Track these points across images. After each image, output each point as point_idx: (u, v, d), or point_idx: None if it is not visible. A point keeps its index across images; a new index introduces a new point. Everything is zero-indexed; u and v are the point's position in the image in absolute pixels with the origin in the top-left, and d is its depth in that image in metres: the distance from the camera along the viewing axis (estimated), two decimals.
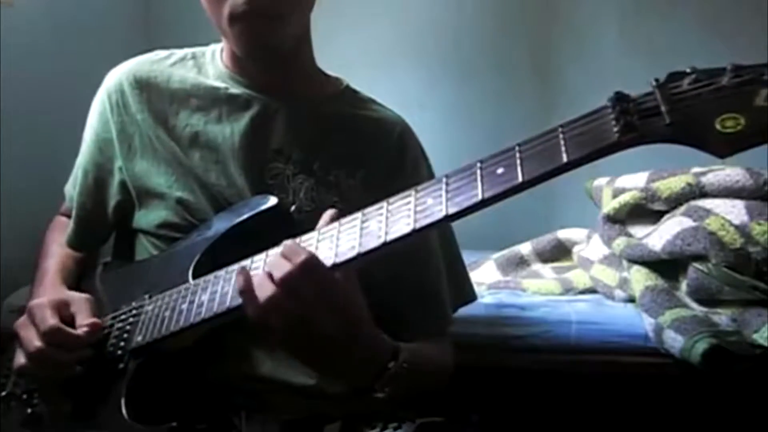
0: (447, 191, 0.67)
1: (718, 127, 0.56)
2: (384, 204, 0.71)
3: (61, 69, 1.71)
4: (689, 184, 1.42)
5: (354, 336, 0.72)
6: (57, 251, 1.05)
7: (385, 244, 0.68)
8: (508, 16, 2.15)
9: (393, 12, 2.17)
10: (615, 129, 0.59)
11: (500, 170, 0.64)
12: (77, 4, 1.82)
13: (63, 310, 0.88)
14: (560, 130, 0.63)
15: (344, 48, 1.99)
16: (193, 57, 1.03)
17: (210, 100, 0.96)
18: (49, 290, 0.96)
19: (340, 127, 0.98)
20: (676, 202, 1.44)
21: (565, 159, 0.61)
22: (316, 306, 0.69)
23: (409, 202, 0.69)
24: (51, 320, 0.84)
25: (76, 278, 1.02)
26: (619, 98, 0.61)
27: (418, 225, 0.67)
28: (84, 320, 0.87)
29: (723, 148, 0.57)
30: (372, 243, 0.69)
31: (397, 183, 0.95)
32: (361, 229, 0.70)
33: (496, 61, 2.15)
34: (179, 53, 1.03)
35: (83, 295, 0.92)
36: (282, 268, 0.69)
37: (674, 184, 1.44)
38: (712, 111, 0.57)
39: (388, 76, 2.09)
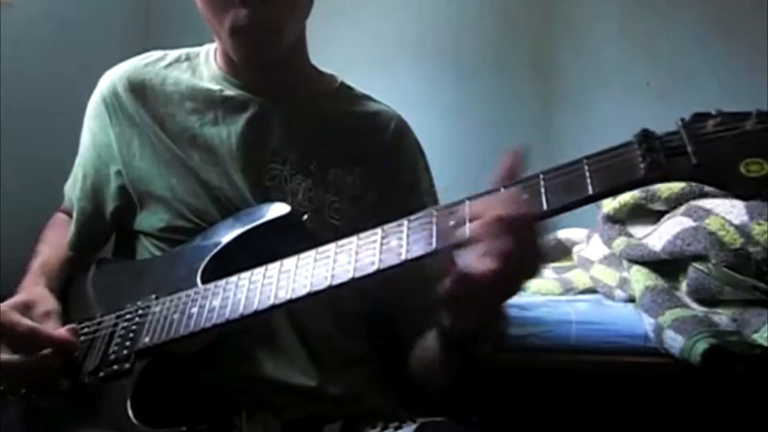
0: (469, 213, 0.67)
1: (742, 170, 0.58)
2: (404, 222, 0.71)
3: (61, 69, 1.71)
4: (689, 184, 1.42)
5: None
6: (43, 249, 1.04)
7: (405, 262, 0.68)
8: (508, 15, 2.15)
9: (393, 12, 2.17)
10: (641, 165, 0.61)
11: (524, 197, 0.65)
12: (77, 4, 1.82)
13: (26, 313, 0.87)
14: (585, 161, 0.64)
15: (344, 48, 1.99)
16: (187, 58, 1.02)
17: (205, 102, 0.96)
18: (24, 289, 0.95)
19: (336, 125, 0.98)
20: (676, 202, 1.44)
21: (590, 191, 0.62)
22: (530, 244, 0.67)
23: (429, 222, 0.69)
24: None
25: (65, 274, 1.01)
26: (645, 135, 0.62)
27: (439, 246, 0.67)
28: (54, 327, 0.85)
29: (747, 190, 0.59)
30: (392, 260, 0.69)
31: (394, 178, 0.95)
32: (382, 244, 0.70)
33: (496, 61, 2.15)
34: (173, 54, 1.03)
35: (51, 302, 0.91)
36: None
37: (674, 184, 1.44)
38: (737, 154, 0.59)
39: (388, 76, 2.09)
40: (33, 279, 0.98)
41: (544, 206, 0.63)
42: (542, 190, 0.64)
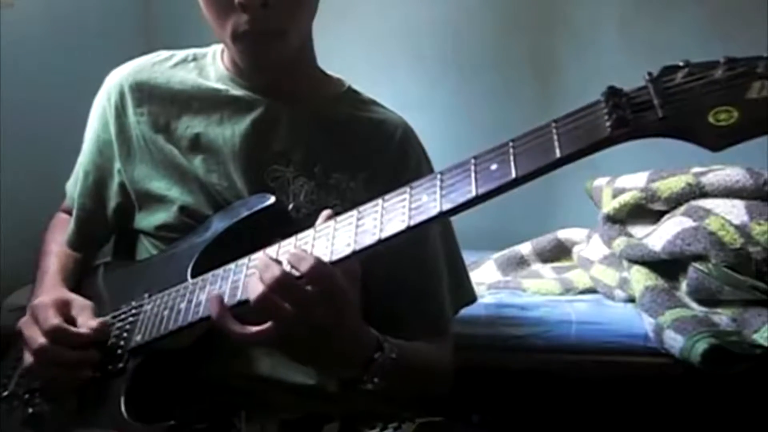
0: (441, 188, 0.66)
1: (711, 120, 0.56)
2: (379, 201, 0.71)
3: (61, 69, 1.71)
4: (689, 184, 1.42)
5: (338, 325, 0.71)
6: (56, 250, 1.05)
7: (380, 241, 0.68)
8: (508, 15, 2.15)
9: (393, 12, 2.17)
10: (607, 123, 0.59)
11: (494, 166, 0.64)
12: (77, 5, 1.82)
13: (65, 311, 0.88)
14: (553, 125, 0.62)
15: (344, 48, 1.99)
16: (194, 58, 1.02)
17: (211, 102, 0.96)
18: (50, 290, 0.96)
19: (342, 130, 0.98)
20: (676, 202, 1.44)
21: (558, 154, 0.60)
22: (308, 295, 0.68)
23: (404, 199, 0.69)
24: (54, 319, 0.84)
25: (76, 278, 1.02)
26: (612, 92, 0.60)
27: (413, 222, 0.67)
28: (87, 321, 0.87)
29: (716, 141, 0.56)
30: (367, 240, 0.69)
31: (398, 186, 0.95)
32: (357, 226, 0.70)
33: (495, 61, 2.15)
34: (180, 54, 1.03)
35: (84, 299, 0.92)
36: (272, 269, 0.69)
37: (674, 184, 1.44)
38: (705, 104, 0.56)
39: (388, 76, 2.09)
40: (55, 281, 0.99)
41: (513, 174, 0.62)
42: (511, 157, 0.63)
